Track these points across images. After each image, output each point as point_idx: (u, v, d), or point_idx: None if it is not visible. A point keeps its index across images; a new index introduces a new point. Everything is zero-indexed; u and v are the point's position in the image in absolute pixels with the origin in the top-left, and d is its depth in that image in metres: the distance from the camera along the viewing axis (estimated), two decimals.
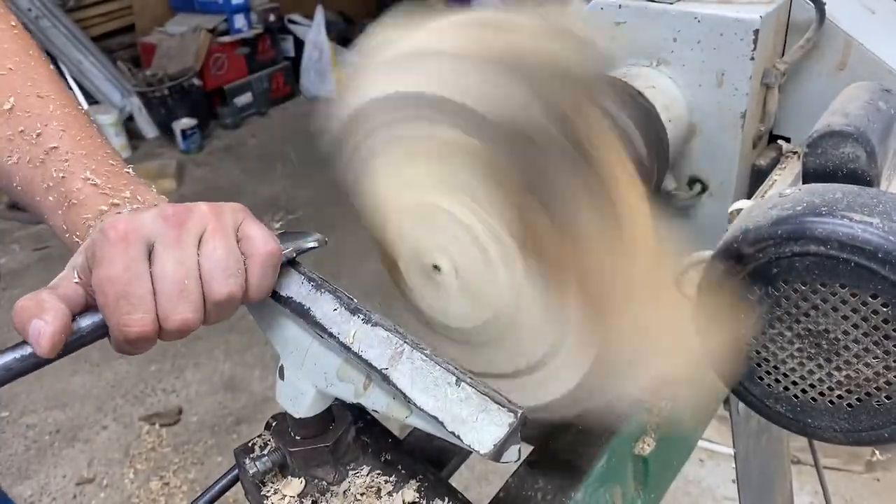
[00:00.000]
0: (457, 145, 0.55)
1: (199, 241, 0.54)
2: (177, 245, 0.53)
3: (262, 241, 0.56)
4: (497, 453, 0.49)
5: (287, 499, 0.63)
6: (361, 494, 0.63)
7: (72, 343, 0.53)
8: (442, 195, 0.59)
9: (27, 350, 0.52)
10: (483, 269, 0.59)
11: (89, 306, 0.54)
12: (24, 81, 0.66)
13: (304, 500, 0.63)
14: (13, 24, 0.71)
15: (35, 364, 0.52)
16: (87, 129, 0.65)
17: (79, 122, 0.66)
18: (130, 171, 0.65)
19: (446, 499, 0.62)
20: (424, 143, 0.58)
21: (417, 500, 0.62)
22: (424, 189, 0.60)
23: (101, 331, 0.54)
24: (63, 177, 0.61)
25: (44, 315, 0.50)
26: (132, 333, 0.52)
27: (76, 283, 0.54)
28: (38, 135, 0.63)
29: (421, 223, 0.62)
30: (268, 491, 0.64)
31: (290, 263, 0.61)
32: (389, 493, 0.63)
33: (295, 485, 0.64)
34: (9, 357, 0.52)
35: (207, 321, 0.56)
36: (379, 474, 0.64)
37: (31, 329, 0.50)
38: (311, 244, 0.62)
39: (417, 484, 0.63)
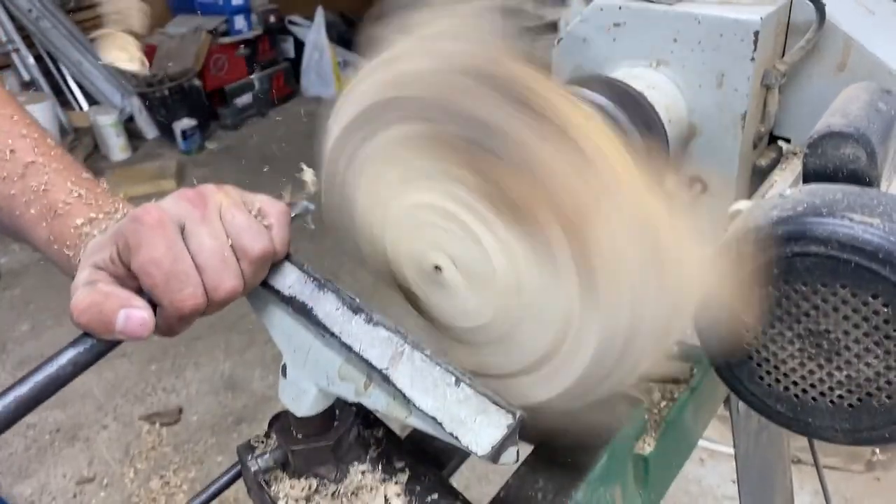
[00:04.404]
0: (403, 137, 0.57)
1: (220, 216, 0.58)
2: (205, 221, 0.57)
3: (269, 203, 0.62)
4: (495, 455, 0.49)
5: (287, 497, 0.63)
6: (353, 494, 0.63)
7: None
8: (410, 191, 0.60)
9: (89, 342, 0.55)
10: (473, 248, 0.58)
11: None
12: None
13: (301, 498, 0.63)
14: None
15: (99, 354, 0.56)
16: (56, 147, 0.67)
17: (47, 139, 0.67)
18: (104, 183, 0.67)
19: (442, 499, 0.62)
20: (382, 150, 0.59)
21: (401, 493, 0.62)
22: (397, 194, 0.61)
23: None
24: (45, 189, 0.62)
25: (134, 302, 0.54)
26: (187, 308, 0.55)
27: (107, 274, 0.56)
28: (12, 151, 0.64)
29: (408, 229, 0.62)
30: (269, 488, 0.64)
31: (294, 263, 0.62)
32: (372, 489, 0.63)
33: (296, 484, 0.64)
34: (73, 352, 0.55)
35: (246, 288, 0.59)
36: (377, 473, 0.65)
37: (122, 319, 0.53)
38: (300, 210, 0.67)
39: (406, 480, 0.63)
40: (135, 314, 0.53)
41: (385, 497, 0.63)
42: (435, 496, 0.62)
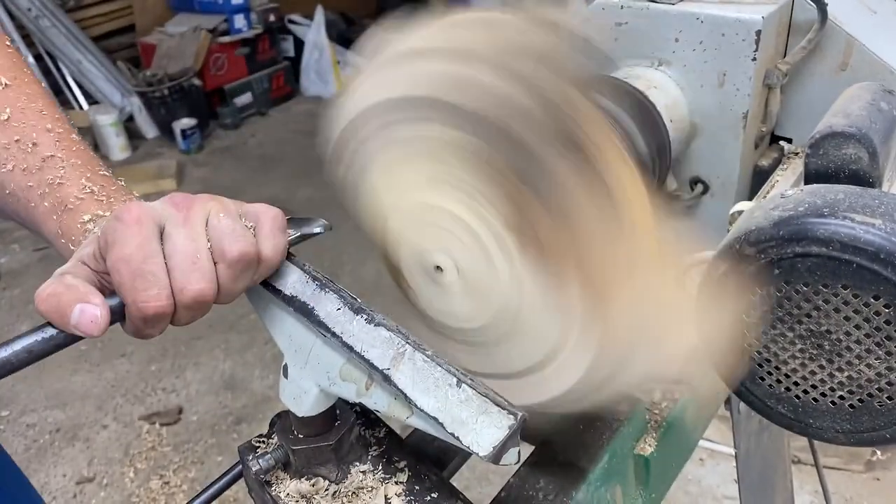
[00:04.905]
0: (450, 143, 0.56)
1: (206, 222, 0.57)
2: (186, 224, 0.56)
3: (264, 208, 0.60)
4: (496, 455, 0.49)
5: (288, 497, 0.63)
6: (353, 494, 0.63)
7: None
8: (439, 194, 0.60)
9: (49, 332, 0.54)
10: (484, 265, 0.59)
11: (101, 292, 0.55)
12: (19, 96, 0.68)
13: (302, 498, 0.63)
14: (7, 43, 0.73)
15: (56, 346, 0.54)
16: (79, 143, 0.67)
17: (71, 135, 0.67)
18: (122, 182, 0.67)
19: (442, 499, 0.62)
20: (419, 143, 0.58)
21: (402, 493, 0.62)
22: (422, 189, 0.61)
23: (117, 316, 0.55)
24: (60, 183, 0.63)
25: (91, 299, 0.53)
26: (149, 309, 0.54)
27: (88, 269, 0.56)
28: (35, 144, 0.64)
29: (420, 224, 0.62)
30: (270, 488, 0.64)
31: (295, 263, 0.62)
32: (372, 489, 0.63)
33: (297, 484, 0.64)
34: (31, 339, 0.53)
35: (223, 293, 0.57)
36: (377, 473, 0.64)
37: (77, 313, 0.52)
38: (317, 229, 0.65)
39: (406, 480, 0.63)
40: (88, 310, 0.52)
41: (385, 497, 0.63)
42: (435, 496, 0.62)
